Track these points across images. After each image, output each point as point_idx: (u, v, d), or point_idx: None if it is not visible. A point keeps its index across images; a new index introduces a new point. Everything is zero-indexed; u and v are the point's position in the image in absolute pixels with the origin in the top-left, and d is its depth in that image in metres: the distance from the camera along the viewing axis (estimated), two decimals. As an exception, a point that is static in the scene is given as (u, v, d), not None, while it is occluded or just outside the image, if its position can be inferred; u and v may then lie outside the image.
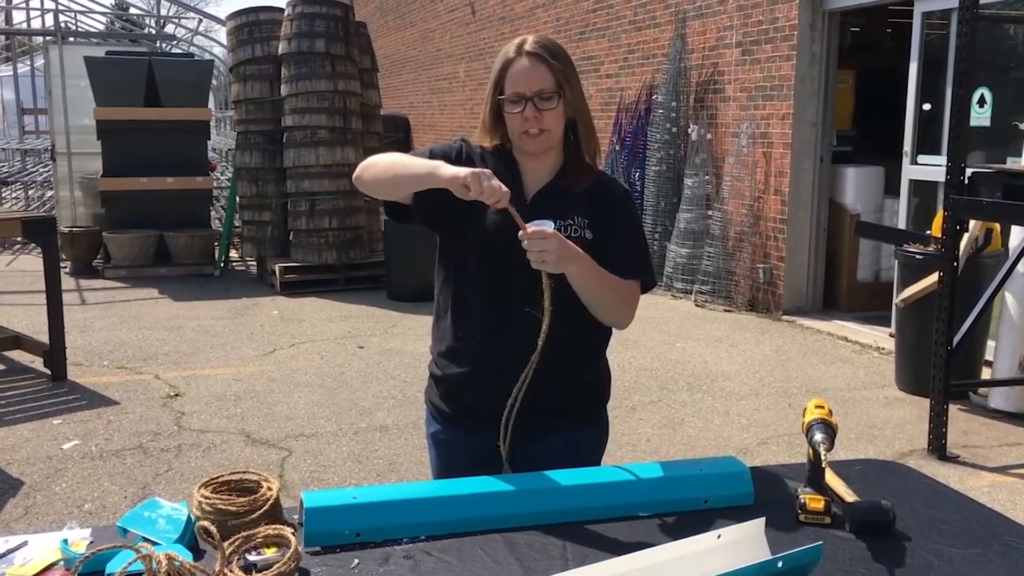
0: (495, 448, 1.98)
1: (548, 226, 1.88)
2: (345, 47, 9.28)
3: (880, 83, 8.80)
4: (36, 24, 15.93)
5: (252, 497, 1.61)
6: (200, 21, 18.06)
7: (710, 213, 8.53)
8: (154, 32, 17.67)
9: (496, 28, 14.22)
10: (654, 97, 9.41)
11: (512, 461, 1.98)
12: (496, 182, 1.76)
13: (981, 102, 6.52)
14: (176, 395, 5.56)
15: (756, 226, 8.19)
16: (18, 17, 15.92)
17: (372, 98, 10.17)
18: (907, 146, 7.12)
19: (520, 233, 1.77)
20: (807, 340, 7.19)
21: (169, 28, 18.62)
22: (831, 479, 1.80)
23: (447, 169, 1.81)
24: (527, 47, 1.97)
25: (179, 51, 15.93)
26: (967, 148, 4.75)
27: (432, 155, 1.99)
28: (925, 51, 7.02)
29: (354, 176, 2.03)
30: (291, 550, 1.46)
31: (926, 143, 7.08)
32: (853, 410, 5.41)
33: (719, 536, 1.49)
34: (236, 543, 1.49)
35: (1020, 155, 5.80)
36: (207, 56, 16.18)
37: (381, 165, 1.97)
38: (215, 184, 11.95)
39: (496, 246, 1.94)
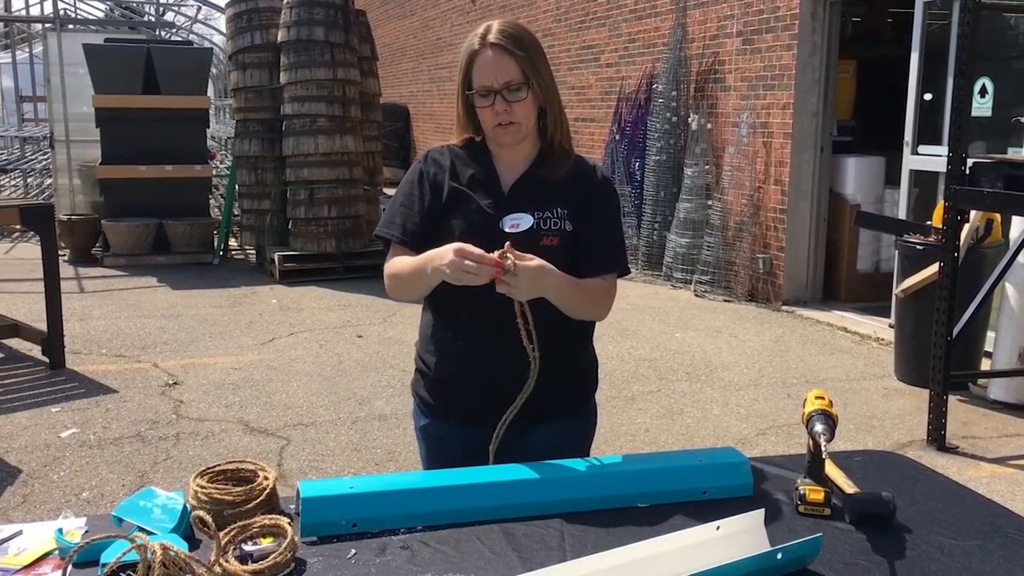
0: (486, 441, 1.97)
1: (525, 221, 1.86)
2: (345, 35, 9.24)
3: (881, 73, 8.77)
4: (35, 11, 15.87)
5: (248, 487, 1.60)
6: (199, 9, 18.02)
7: (710, 203, 8.51)
8: (153, 20, 17.62)
9: (496, 17, 14.16)
10: (654, 87, 9.38)
11: (504, 452, 1.96)
12: (467, 264, 1.73)
13: (982, 92, 6.50)
14: (175, 384, 5.55)
15: (756, 216, 8.17)
16: (17, 4, 15.88)
17: (371, 87, 10.14)
18: (908, 136, 7.10)
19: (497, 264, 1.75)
20: (807, 330, 7.18)
21: (168, 16, 18.58)
22: (831, 470, 1.79)
23: (443, 269, 1.79)
24: (491, 38, 1.92)
25: (178, 39, 15.88)
26: (968, 138, 4.73)
27: (403, 204, 2.02)
28: (926, 41, 6.99)
29: (387, 288, 2.08)
30: (287, 540, 1.46)
31: (927, 133, 7.05)
32: (852, 401, 5.40)
33: (718, 527, 1.48)
34: (232, 533, 1.48)
35: (1021, 146, 5.78)
36: (206, 44, 16.14)
37: (399, 282, 2.01)
38: (214, 172, 11.94)
39: (488, 241, 1.89)
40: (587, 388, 2.16)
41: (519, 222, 1.93)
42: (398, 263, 2.00)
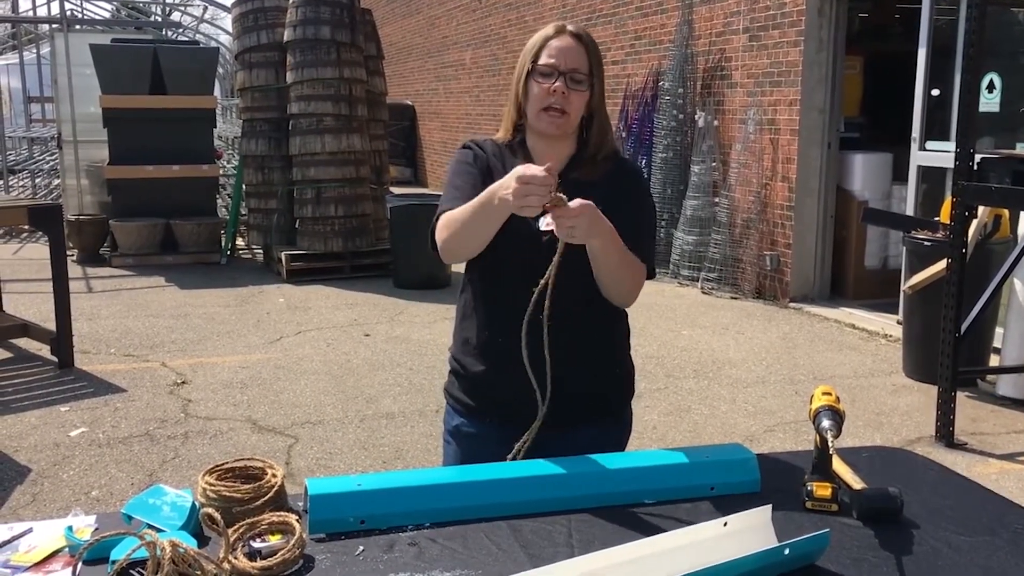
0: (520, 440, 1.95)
1: None
2: (351, 34, 9.25)
3: (888, 69, 8.74)
4: (42, 12, 15.94)
5: (257, 484, 1.61)
6: (205, 8, 18.06)
7: (717, 200, 8.50)
8: (160, 20, 17.67)
9: (502, 15, 14.17)
10: (660, 84, 9.37)
11: (540, 452, 1.92)
12: (522, 182, 1.70)
13: (990, 87, 6.48)
14: (183, 383, 5.57)
15: (763, 213, 8.16)
16: (24, 5, 15.89)
17: (378, 85, 10.14)
18: (915, 132, 7.08)
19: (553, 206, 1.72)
20: (814, 327, 7.17)
21: (175, 16, 18.63)
22: (838, 466, 1.79)
23: (507, 198, 1.73)
24: (569, 27, 1.99)
25: (185, 39, 15.91)
26: (976, 134, 4.72)
27: (465, 181, 1.98)
28: (934, 36, 6.97)
29: (439, 248, 1.96)
30: (295, 537, 1.46)
31: (934, 129, 7.04)
32: (860, 397, 5.39)
33: (725, 524, 1.48)
34: (240, 530, 1.49)
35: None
36: (213, 44, 16.17)
37: (458, 230, 1.90)
38: (221, 172, 11.96)
39: (526, 239, 1.90)
40: (627, 393, 2.18)
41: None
42: (452, 212, 1.92)
